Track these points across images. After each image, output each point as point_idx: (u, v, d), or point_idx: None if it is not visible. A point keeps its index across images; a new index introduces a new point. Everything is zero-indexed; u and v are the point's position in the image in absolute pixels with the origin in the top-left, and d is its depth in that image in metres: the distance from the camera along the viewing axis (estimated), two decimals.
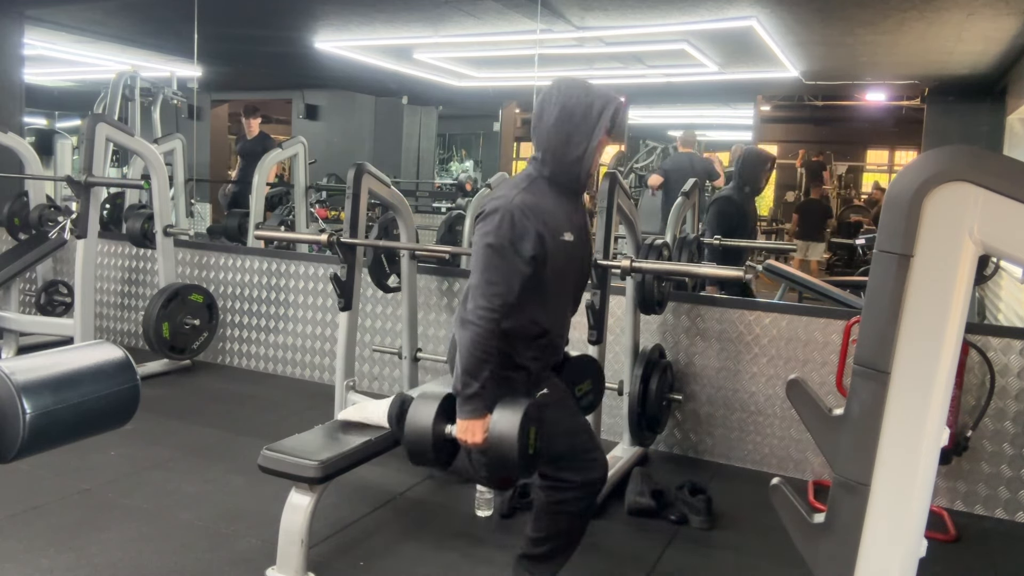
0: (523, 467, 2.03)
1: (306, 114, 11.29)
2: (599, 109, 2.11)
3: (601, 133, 2.13)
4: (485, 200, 2.17)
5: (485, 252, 2.05)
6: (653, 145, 10.65)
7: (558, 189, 2.17)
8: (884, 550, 1.36)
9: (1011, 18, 5.32)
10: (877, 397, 1.34)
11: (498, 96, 10.61)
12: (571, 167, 2.14)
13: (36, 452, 1.30)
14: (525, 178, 2.18)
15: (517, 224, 2.05)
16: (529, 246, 2.06)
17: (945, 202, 1.29)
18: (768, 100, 10.93)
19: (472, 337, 2.02)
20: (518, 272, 2.06)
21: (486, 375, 2.04)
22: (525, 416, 2.01)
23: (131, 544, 2.68)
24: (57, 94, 11.13)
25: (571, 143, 2.12)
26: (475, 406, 2.04)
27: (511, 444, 1.98)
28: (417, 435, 2.09)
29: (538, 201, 2.11)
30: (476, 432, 2.04)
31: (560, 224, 2.14)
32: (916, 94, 9.50)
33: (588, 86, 2.15)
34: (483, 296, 2.03)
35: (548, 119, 2.13)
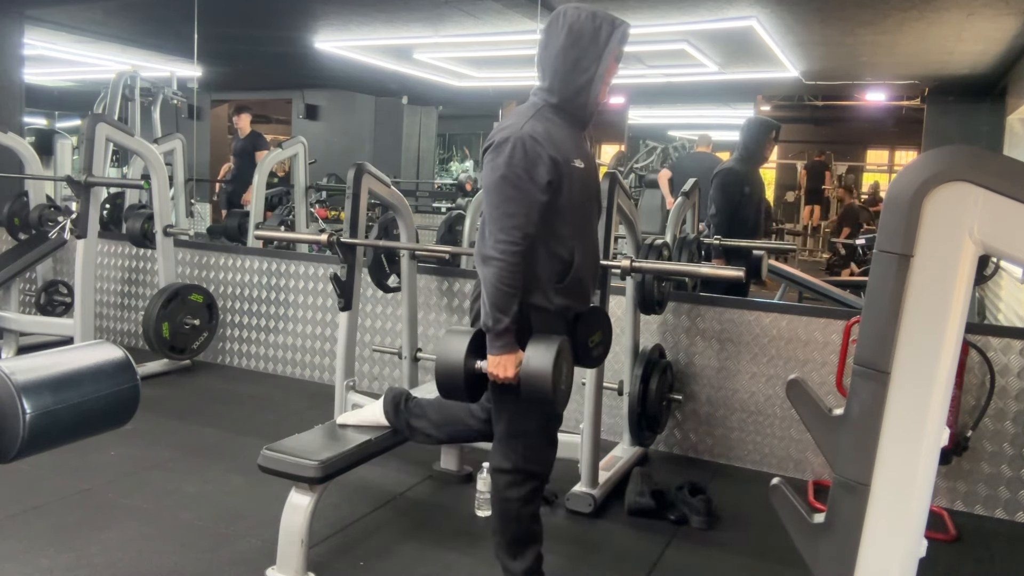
0: (556, 399, 2.04)
1: (306, 114, 11.29)
2: (608, 32, 2.07)
3: (610, 58, 2.08)
4: (493, 132, 2.12)
5: (499, 184, 2.00)
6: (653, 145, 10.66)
7: (565, 117, 2.13)
8: (884, 550, 1.36)
9: (1011, 18, 5.32)
10: (877, 397, 1.34)
11: (498, 96, 10.60)
12: (579, 93, 2.10)
13: (36, 452, 1.31)
14: (531, 107, 2.13)
15: (529, 151, 2.01)
16: (544, 171, 2.01)
17: (945, 202, 1.29)
18: (768, 100, 10.93)
19: (497, 272, 1.98)
20: (535, 200, 2.02)
21: (515, 309, 2.01)
22: (559, 350, 2.01)
23: (131, 544, 2.68)
24: (57, 94, 11.13)
25: (578, 68, 2.07)
26: (506, 341, 2.02)
27: (545, 379, 1.99)
28: (449, 369, 2.09)
29: (547, 128, 2.06)
30: (508, 367, 2.02)
31: (570, 150, 2.09)
32: (916, 94, 9.50)
33: (595, 10, 2.09)
34: (502, 229, 1.99)
35: (554, 44, 2.08)
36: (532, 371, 2.01)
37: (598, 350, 2.39)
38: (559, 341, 2.04)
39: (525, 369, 2.02)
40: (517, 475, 2.20)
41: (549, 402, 2.03)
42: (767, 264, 4.58)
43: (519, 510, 2.22)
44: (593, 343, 2.34)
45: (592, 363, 2.38)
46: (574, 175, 2.09)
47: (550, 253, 2.10)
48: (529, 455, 2.20)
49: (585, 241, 2.19)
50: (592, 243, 2.26)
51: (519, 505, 2.21)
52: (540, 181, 2.01)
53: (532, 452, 2.20)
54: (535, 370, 2.01)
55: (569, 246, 2.12)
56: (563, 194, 2.07)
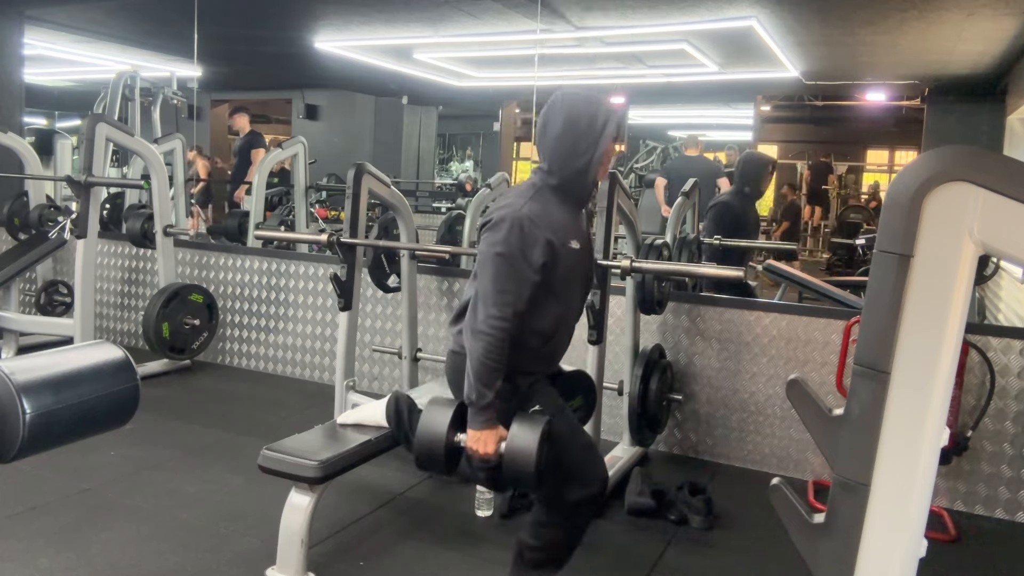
0: (538, 482, 2.05)
1: (306, 114, 11.29)
2: (604, 118, 2.14)
3: (607, 142, 2.14)
4: (491, 210, 2.17)
5: (495, 261, 2.05)
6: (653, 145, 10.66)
7: (564, 198, 2.18)
8: (884, 550, 1.36)
9: (1011, 18, 5.32)
10: (877, 397, 1.34)
11: (498, 96, 10.60)
12: (578, 176, 2.15)
13: (36, 452, 1.30)
14: (530, 187, 2.18)
15: (527, 232, 2.06)
16: (539, 254, 2.07)
17: (945, 202, 1.29)
18: (768, 100, 10.92)
19: (485, 347, 2.02)
20: (528, 280, 2.07)
21: (499, 384, 2.04)
22: (543, 433, 2.02)
23: (131, 544, 2.68)
24: (57, 94, 11.13)
25: (576, 152, 2.13)
26: (488, 416, 2.04)
27: (529, 461, 1.99)
28: (429, 442, 2.10)
29: (545, 209, 2.12)
30: (489, 443, 2.04)
31: (567, 232, 2.15)
32: (916, 94, 9.50)
33: (591, 95, 2.16)
34: (495, 305, 2.02)
35: (553, 129, 2.15)
36: (516, 451, 2.02)
37: (579, 413, 2.44)
38: (543, 422, 2.05)
39: (509, 448, 2.03)
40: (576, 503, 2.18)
41: (530, 483, 2.04)
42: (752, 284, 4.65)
43: (574, 533, 2.23)
44: (573, 407, 2.38)
45: None
46: (569, 256, 2.15)
47: (531, 326, 2.14)
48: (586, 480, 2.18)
49: (568, 317, 2.25)
50: (572, 317, 2.31)
51: (575, 529, 2.23)
52: (535, 263, 2.07)
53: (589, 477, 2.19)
54: (519, 450, 2.01)
55: (551, 322, 2.18)
56: (556, 274, 2.12)
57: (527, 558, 2.25)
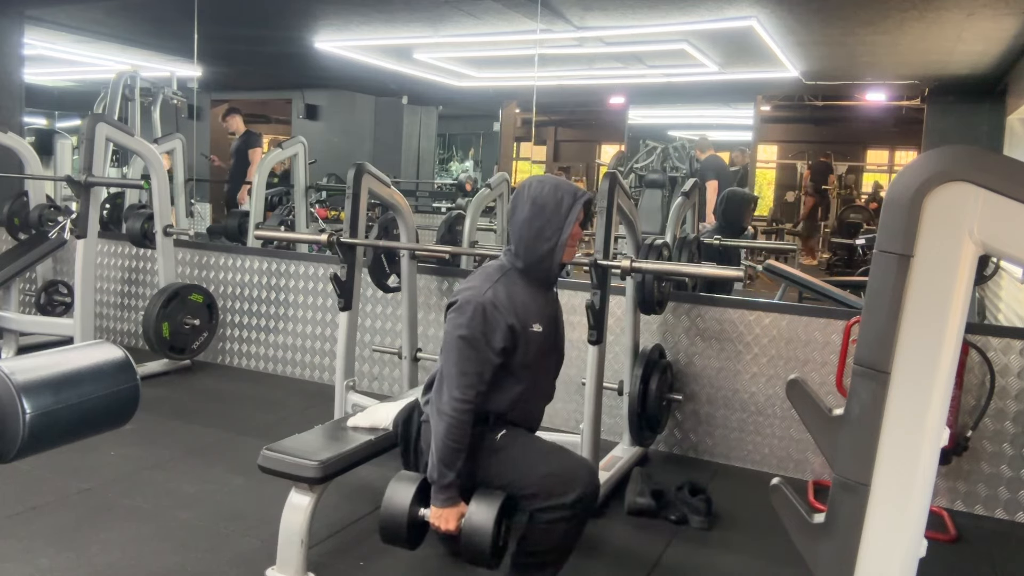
0: (492, 557, 2.13)
1: (306, 114, 11.28)
2: (569, 204, 2.23)
3: (571, 227, 2.24)
4: (458, 289, 2.27)
5: (458, 344, 2.15)
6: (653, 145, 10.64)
7: (530, 280, 2.27)
8: (884, 550, 1.36)
9: (1011, 18, 5.32)
10: (877, 397, 1.34)
11: (498, 96, 10.60)
12: (542, 260, 2.25)
13: (36, 452, 1.30)
14: (498, 269, 2.28)
15: (489, 317, 2.15)
16: (500, 338, 2.15)
17: (945, 202, 1.29)
18: (768, 100, 10.91)
19: (447, 428, 2.11)
20: (489, 362, 2.16)
21: (460, 465, 2.13)
22: (500, 511, 2.11)
23: (131, 544, 2.68)
24: (57, 94, 11.12)
25: (541, 237, 2.23)
26: (450, 495, 2.14)
27: (485, 538, 2.09)
28: (392, 516, 2.20)
29: (509, 293, 2.21)
30: (450, 520, 2.13)
31: (530, 315, 2.23)
32: (916, 94, 9.49)
33: (558, 182, 2.27)
34: (457, 387, 2.13)
35: (520, 214, 2.25)
36: (472, 528, 2.11)
37: None
38: (501, 499, 2.13)
39: (467, 525, 2.12)
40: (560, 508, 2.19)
41: (486, 561, 2.12)
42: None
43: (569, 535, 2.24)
44: None
45: None
46: (531, 339, 2.22)
47: (497, 399, 2.24)
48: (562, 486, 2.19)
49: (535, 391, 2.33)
50: (542, 394, 2.39)
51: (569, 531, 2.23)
52: (496, 346, 2.15)
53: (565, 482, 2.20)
54: (475, 528, 2.10)
55: (513, 399, 2.25)
56: (517, 356, 2.21)
57: (521, 562, 2.26)
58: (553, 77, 8.81)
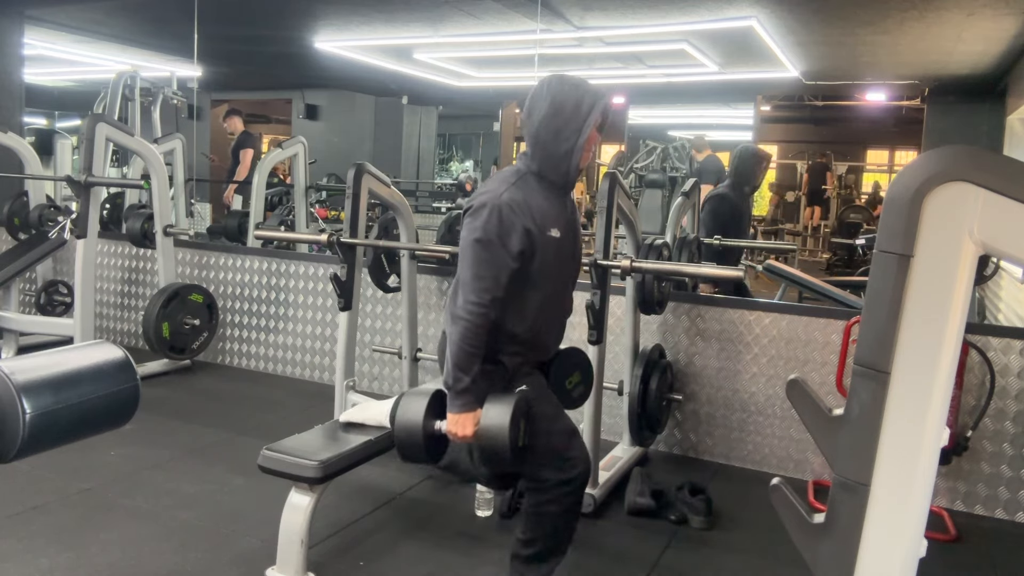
0: (514, 459, 2.05)
1: (306, 114, 11.28)
2: (589, 104, 2.12)
3: (590, 128, 2.13)
4: (473, 195, 2.18)
5: (473, 247, 2.06)
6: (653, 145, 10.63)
7: (547, 184, 2.18)
8: (884, 550, 1.36)
9: (1011, 18, 5.32)
10: (877, 397, 1.34)
11: (498, 96, 10.60)
12: (560, 162, 2.15)
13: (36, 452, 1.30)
14: (514, 173, 2.18)
15: (505, 219, 2.06)
16: (516, 241, 2.07)
17: (945, 202, 1.29)
18: (768, 100, 10.92)
19: (462, 332, 2.04)
20: (506, 267, 2.07)
21: (476, 370, 2.06)
22: (516, 408, 2.03)
23: (131, 544, 2.68)
24: (57, 94, 11.12)
25: (560, 138, 2.12)
26: (466, 400, 2.07)
27: (502, 436, 2.01)
28: (408, 431, 2.12)
29: (526, 196, 2.12)
30: (467, 426, 2.06)
31: (547, 220, 2.14)
32: (916, 94, 9.49)
33: (578, 81, 2.15)
34: (472, 291, 2.05)
35: (538, 114, 2.14)
36: (488, 429, 2.05)
37: (578, 390, 2.42)
38: (515, 398, 2.07)
39: (482, 427, 2.06)
40: (556, 486, 2.19)
41: (506, 460, 2.06)
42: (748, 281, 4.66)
43: (561, 519, 2.23)
44: (571, 384, 2.38)
45: (572, 404, 2.41)
46: (549, 244, 2.14)
47: (514, 314, 2.15)
48: (565, 463, 2.19)
49: (553, 305, 2.25)
50: (560, 306, 2.31)
51: (561, 515, 2.22)
52: (512, 249, 2.07)
53: (568, 460, 2.20)
54: (491, 428, 2.04)
55: (534, 310, 2.18)
56: (535, 262, 2.13)
57: (522, 554, 2.26)
58: None
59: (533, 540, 2.23)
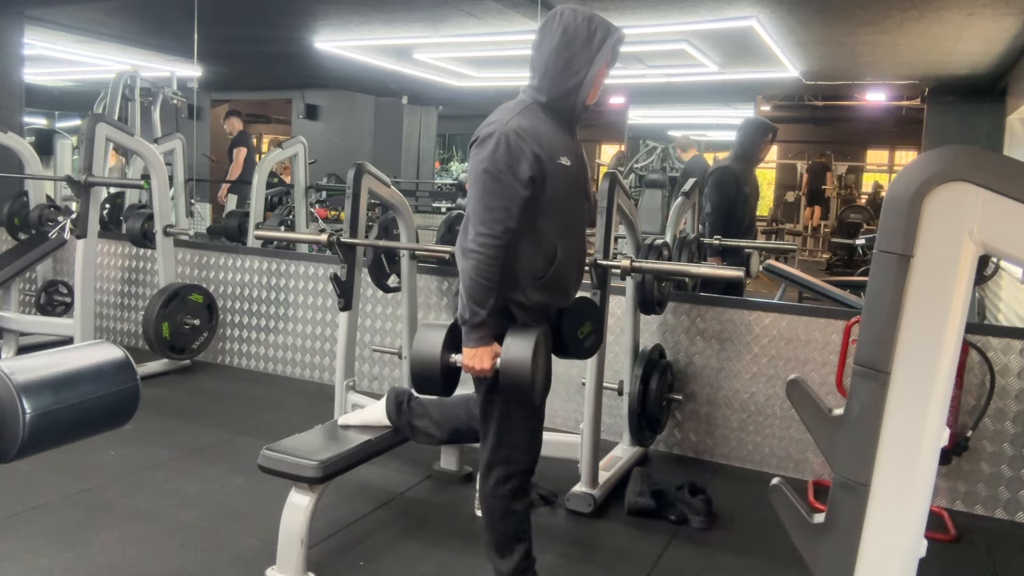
0: (537, 391, 2.05)
1: (306, 114, 11.28)
2: (602, 37, 2.08)
3: (602, 62, 2.09)
4: (480, 127, 2.12)
5: (482, 178, 2.02)
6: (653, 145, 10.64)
7: (553, 116, 2.13)
8: (884, 550, 1.36)
9: (1011, 18, 5.32)
10: (877, 397, 1.34)
11: (498, 96, 10.57)
12: (568, 94, 2.11)
13: (36, 452, 1.30)
14: (518, 104, 2.13)
15: (512, 147, 2.01)
16: (526, 167, 2.02)
17: (945, 202, 1.29)
18: (768, 100, 10.91)
19: (475, 265, 2.00)
20: (517, 195, 2.02)
21: (492, 303, 2.02)
22: (537, 343, 2.02)
23: (131, 544, 2.68)
24: (57, 94, 11.12)
25: (570, 69, 2.08)
26: (482, 334, 2.03)
27: (524, 367, 1.99)
28: (424, 363, 2.10)
29: (533, 125, 2.07)
30: (484, 359, 2.04)
31: (556, 148, 2.10)
32: (916, 94, 9.49)
33: (591, 14, 2.11)
34: (483, 223, 2.00)
35: (548, 44, 2.10)
36: (510, 361, 2.02)
37: (589, 340, 2.36)
38: (537, 332, 2.04)
39: (504, 360, 2.03)
40: (501, 472, 2.20)
41: (528, 392, 2.03)
42: (757, 261, 4.57)
43: (506, 507, 2.22)
44: (583, 334, 2.32)
45: (585, 354, 2.36)
46: (559, 172, 2.09)
47: (532, 249, 2.10)
48: (513, 453, 2.20)
49: (569, 239, 2.18)
50: (577, 241, 2.24)
51: (506, 502, 2.22)
52: (522, 176, 2.01)
53: (517, 450, 2.21)
54: (513, 360, 2.01)
55: (552, 243, 2.12)
56: (547, 191, 2.07)
57: (486, 542, 2.28)
58: None
59: (488, 528, 2.25)
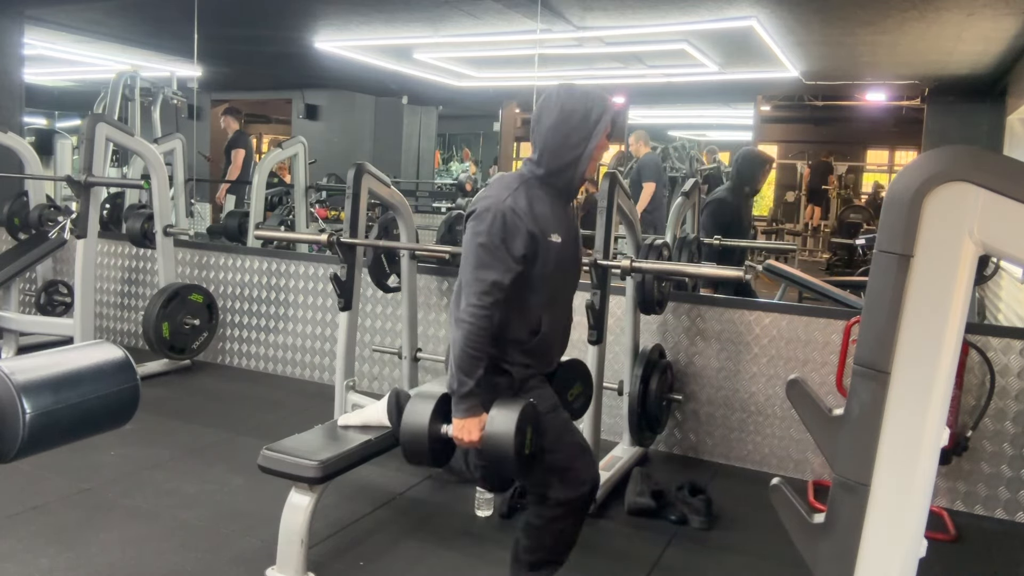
0: (519, 466, 2.04)
1: (306, 114, 11.28)
2: (599, 113, 2.14)
3: (599, 137, 2.15)
4: (477, 198, 2.19)
5: (477, 251, 2.07)
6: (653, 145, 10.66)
7: (551, 191, 2.19)
8: (884, 550, 1.36)
9: (1011, 18, 5.32)
10: (877, 397, 1.34)
11: (498, 96, 10.59)
12: (566, 169, 2.17)
13: (36, 452, 1.30)
14: (517, 178, 2.19)
15: (508, 223, 2.07)
16: (520, 245, 2.08)
17: (945, 202, 1.29)
18: (768, 100, 10.91)
19: (465, 335, 2.04)
20: (509, 270, 2.07)
21: (480, 373, 2.06)
22: (522, 414, 2.02)
23: (131, 544, 2.68)
24: (57, 94, 11.12)
25: (568, 145, 2.14)
26: (470, 404, 2.06)
27: (507, 442, 2.00)
28: (413, 435, 2.12)
29: (530, 201, 2.13)
30: (472, 431, 2.06)
31: (549, 225, 2.15)
32: (916, 94, 9.49)
33: (588, 90, 2.17)
34: (475, 295, 2.05)
35: (547, 120, 2.15)
36: (493, 435, 2.03)
37: (578, 402, 2.43)
38: (522, 404, 2.06)
39: (487, 432, 2.05)
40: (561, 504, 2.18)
41: (511, 467, 2.05)
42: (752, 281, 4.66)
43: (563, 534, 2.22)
44: (572, 396, 2.39)
45: (573, 415, 2.41)
46: (550, 249, 2.15)
47: (518, 319, 2.16)
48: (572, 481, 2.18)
49: (555, 311, 2.25)
50: (563, 312, 2.31)
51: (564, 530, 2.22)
52: (516, 253, 2.08)
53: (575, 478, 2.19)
54: (496, 434, 2.03)
55: (537, 315, 2.18)
56: (537, 267, 2.13)
57: (523, 559, 2.25)
58: (553, 77, 8.80)
59: (536, 549, 2.23)
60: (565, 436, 2.21)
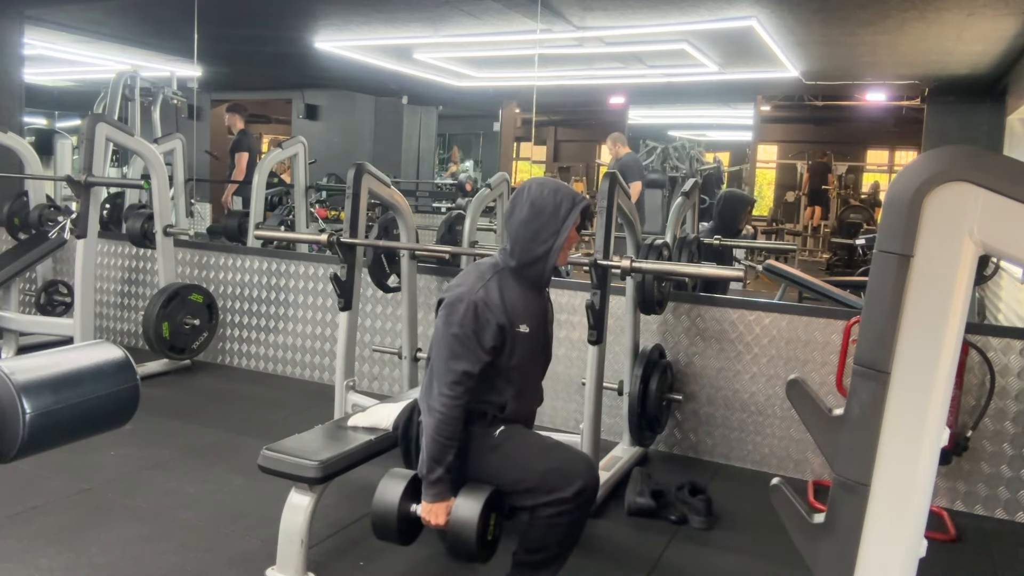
0: (480, 550, 2.14)
1: (306, 114, 11.28)
2: (567, 208, 2.25)
3: (568, 231, 2.26)
4: (451, 286, 2.29)
5: (449, 340, 2.17)
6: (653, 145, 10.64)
7: (521, 281, 2.28)
8: (884, 550, 1.36)
9: (1011, 18, 5.32)
10: (877, 397, 1.34)
11: (498, 96, 10.60)
12: (537, 263, 2.26)
13: (36, 452, 1.30)
14: (490, 268, 2.29)
15: (480, 316, 2.17)
16: (490, 337, 2.17)
17: (945, 202, 1.29)
18: (768, 100, 10.91)
19: (436, 424, 2.14)
20: (479, 360, 2.17)
21: (450, 460, 2.15)
22: (486, 503, 2.12)
23: (131, 544, 2.68)
24: (57, 94, 11.11)
25: (538, 240, 2.24)
26: (439, 490, 2.16)
27: (470, 530, 2.10)
28: (383, 512, 2.22)
29: (501, 292, 2.23)
30: (440, 515, 2.16)
31: (518, 316, 2.24)
32: (916, 94, 9.49)
33: (558, 186, 2.29)
34: (446, 384, 2.15)
35: (519, 215, 2.26)
36: (458, 521, 2.13)
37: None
38: (488, 492, 2.14)
39: (452, 518, 2.14)
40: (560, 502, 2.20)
41: (472, 552, 2.13)
42: None
43: (568, 529, 2.24)
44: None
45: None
46: (518, 339, 2.23)
47: (488, 400, 2.25)
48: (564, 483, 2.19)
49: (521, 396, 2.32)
50: (531, 392, 2.40)
51: (569, 525, 2.23)
52: (486, 345, 2.17)
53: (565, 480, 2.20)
54: (461, 520, 2.13)
55: (505, 398, 2.27)
56: (504, 356, 2.22)
57: (524, 560, 2.26)
58: (553, 77, 8.81)
59: (540, 548, 2.24)
60: (544, 457, 2.25)
